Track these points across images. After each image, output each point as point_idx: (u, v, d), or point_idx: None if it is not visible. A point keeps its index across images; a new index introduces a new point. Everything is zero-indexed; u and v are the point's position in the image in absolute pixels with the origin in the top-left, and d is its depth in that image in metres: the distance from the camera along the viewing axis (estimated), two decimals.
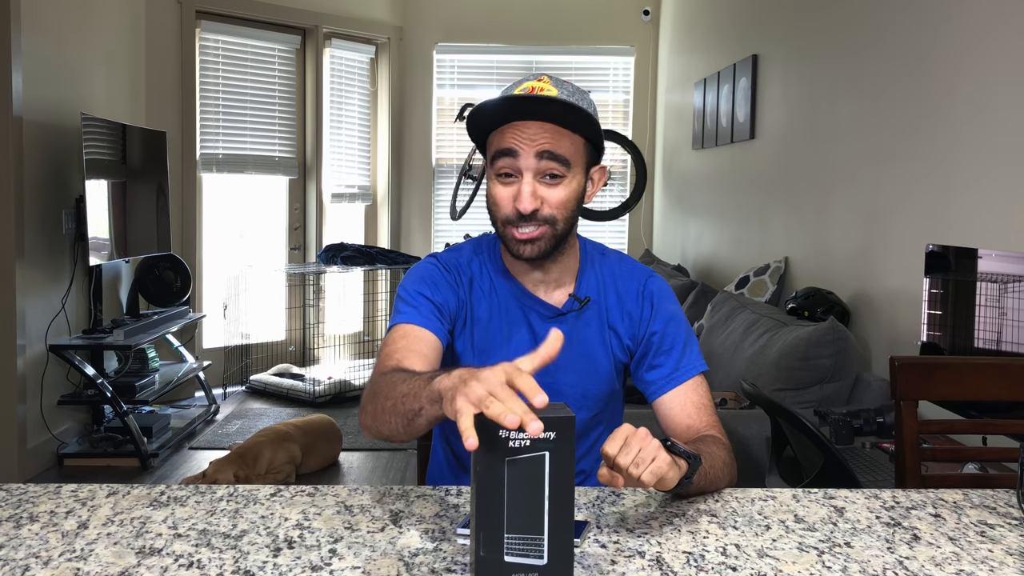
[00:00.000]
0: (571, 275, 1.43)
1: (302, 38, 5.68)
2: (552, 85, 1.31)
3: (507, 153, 1.29)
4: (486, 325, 1.41)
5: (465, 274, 1.43)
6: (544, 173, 1.29)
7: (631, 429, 1.08)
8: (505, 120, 1.30)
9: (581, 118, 1.28)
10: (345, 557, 1.02)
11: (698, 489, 1.22)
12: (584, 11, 6.37)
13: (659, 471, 1.06)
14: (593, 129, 1.32)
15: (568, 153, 1.30)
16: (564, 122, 1.29)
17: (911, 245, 2.80)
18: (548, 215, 1.31)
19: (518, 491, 0.93)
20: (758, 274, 3.92)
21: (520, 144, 1.28)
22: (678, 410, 1.39)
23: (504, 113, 1.30)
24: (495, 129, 1.32)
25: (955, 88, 2.59)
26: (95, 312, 4.12)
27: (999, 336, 2.04)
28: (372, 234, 6.30)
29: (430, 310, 1.35)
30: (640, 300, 1.43)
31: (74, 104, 4.04)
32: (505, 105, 1.28)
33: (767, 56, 4.17)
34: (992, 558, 1.05)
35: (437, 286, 1.39)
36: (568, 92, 1.32)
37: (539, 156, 1.28)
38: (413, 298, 1.37)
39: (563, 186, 1.31)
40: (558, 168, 1.29)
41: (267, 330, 5.65)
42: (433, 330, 1.33)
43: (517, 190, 1.30)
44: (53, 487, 1.23)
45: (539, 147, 1.28)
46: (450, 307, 1.39)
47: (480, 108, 1.29)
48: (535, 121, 1.28)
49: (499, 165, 1.31)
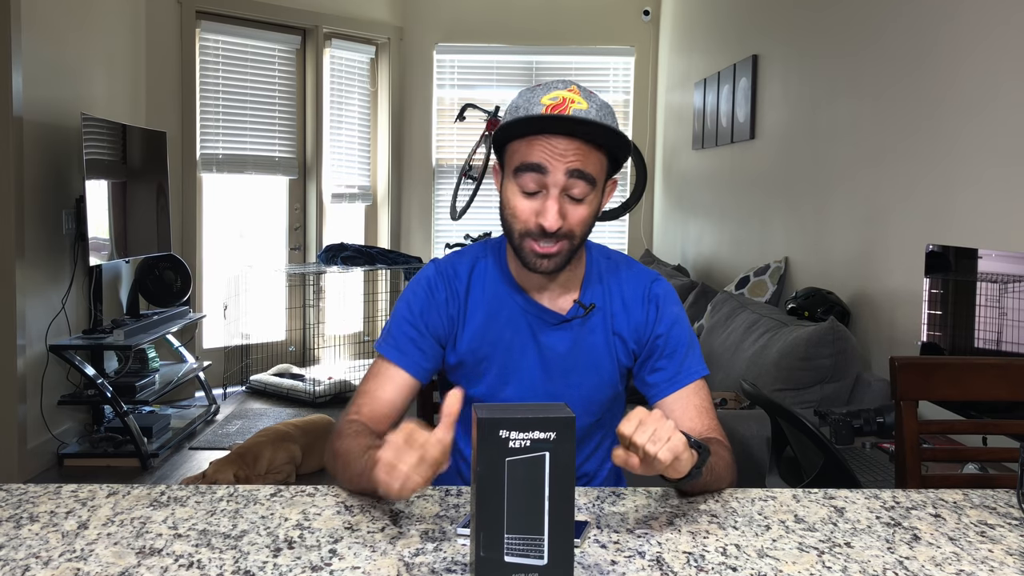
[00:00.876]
0: (577, 281, 1.42)
1: (302, 38, 5.68)
2: (582, 97, 1.27)
3: (535, 168, 1.27)
4: (484, 332, 1.41)
5: (463, 284, 1.43)
6: (570, 190, 1.28)
7: (645, 411, 1.09)
8: (535, 131, 1.27)
9: (613, 137, 1.27)
10: (345, 557, 1.02)
11: (703, 486, 1.22)
12: (584, 11, 6.37)
13: (676, 449, 1.07)
14: (623, 147, 1.30)
15: (594, 171, 1.28)
16: (595, 140, 1.27)
17: (911, 245, 2.80)
18: (568, 231, 1.30)
19: (518, 491, 0.93)
20: (758, 274, 3.92)
21: (550, 160, 1.26)
22: (680, 413, 1.38)
23: (536, 125, 1.27)
24: (521, 137, 1.29)
25: (955, 88, 2.59)
26: (95, 312, 4.12)
27: (999, 336, 2.04)
28: (372, 234, 6.30)
29: (413, 346, 1.39)
30: (645, 304, 1.43)
31: (74, 104, 4.04)
32: (538, 120, 1.26)
33: (767, 56, 4.17)
34: (992, 558, 1.05)
35: (425, 313, 1.41)
36: (597, 105, 1.28)
37: (568, 174, 1.26)
38: (400, 327, 1.41)
39: (586, 204, 1.30)
40: (584, 188, 1.28)
41: (267, 330, 5.65)
42: (410, 369, 1.39)
43: (541, 206, 1.28)
44: (53, 487, 1.23)
45: (569, 165, 1.26)
46: (438, 332, 1.41)
47: (514, 121, 1.26)
48: (565, 137, 1.26)
49: (525, 179, 1.28)
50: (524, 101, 1.30)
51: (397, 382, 1.38)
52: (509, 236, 1.34)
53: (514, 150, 1.30)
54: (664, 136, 6.26)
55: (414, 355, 1.39)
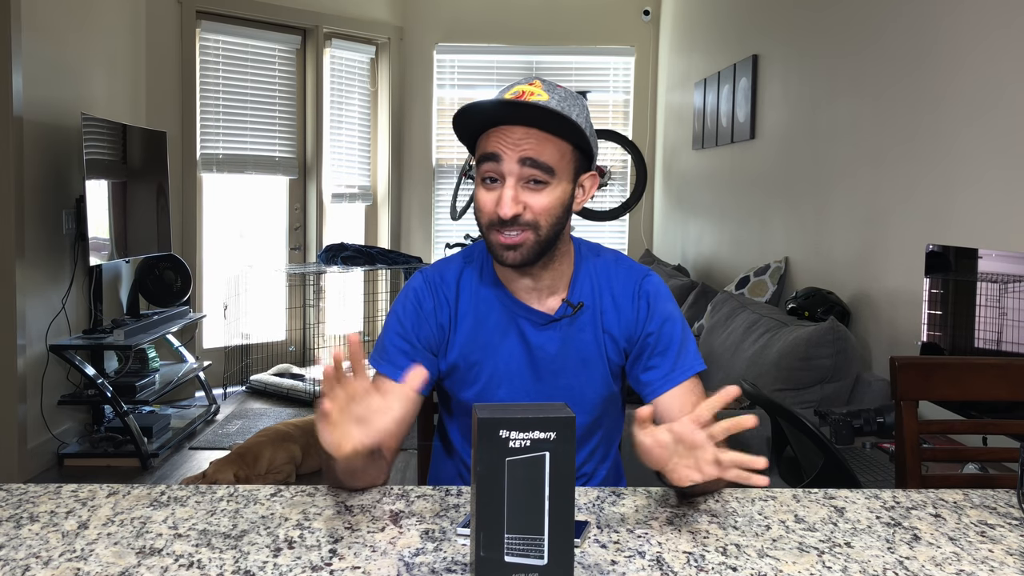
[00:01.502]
0: (564, 281, 1.42)
1: (302, 38, 5.68)
2: (544, 90, 1.30)
3: (491, 157, 1.29)
4: (474, 337, 1.41)
5: (451, 290, 1.43)
6: (527, 179, 1.29)
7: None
8: (492, 123, 1.30)
9: (567, 125, 1.27)
10: (345, 557, 1.02)
11: (701, 489, 1.22)
12: (584, 11, 6.37)
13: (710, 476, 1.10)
14: (581, 137, 1.30)
15: (552, 160, 1.29)
16: (549, 128, 1.28)
17: (911, 245, 2.80)
18: (530, 220, 1.30)
19: (518, 491, 0.93)
20: (758, 274, 3.92)
21: (503, 149, 1.28)
22: (676, 411, 1.37)
23: (491, 116, 1.29)
24: (482, 131, 1.32)
25: (955, 88, 2.59)
26: (95, 312, 4.12)
27: (999, 336, 2.04)
28: (372, 234, 6.30)
29: (406, 359, 1.40)
30: (636, 300, 1.42)
31: (74, 104, 4.04)
32: (491, 108, 1.28)
33: (767, 56, 4.17)
34: (992, 558, 1.05)
35: (416, 326, 1.41)
36: (559, 97, 1.30)
37: (521, 162, 1.28)
38: (392, 342, 1.42)
39: (547, 193, 1.30)
40: (540, 175, 1.28)
41: (267, 330, 5.65)
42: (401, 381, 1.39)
43: (499, 195, 1.29)
44: (53, 487, 1.23)
45: (522, 153, 1.27)
46: (430, 342, 1.42)
47: (466, 109, 1.29)
48: (521, 126, 1.28)
49: (483, 169, 1.31)
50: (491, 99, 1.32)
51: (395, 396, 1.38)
52: (481, 231, 1.35)
53: (479, 144, 1.33)
54: (664, 136, 6.26)
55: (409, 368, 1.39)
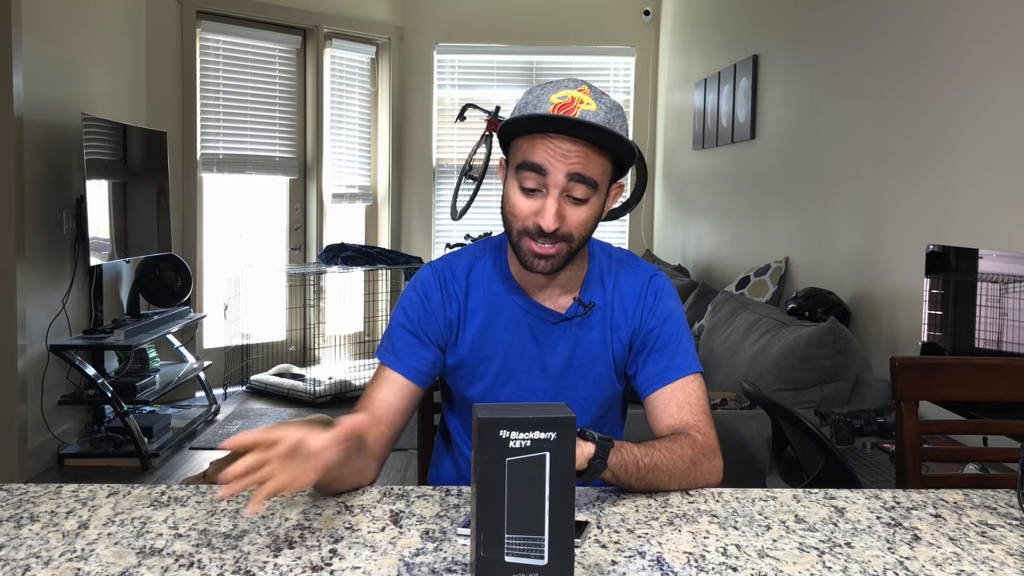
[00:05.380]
0: (578, 281, 1.41)
1: (302, 38, 5.68)
2: (592, 98, 1.26)
3: (535, 168, 1.26)
4: (485, 334, 1.40)
5: (461, 285, 1.42)
6: (570, 192, 1.27)
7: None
8: (538, 129, 1.26)
9: (616, 141, 1.25)
10: (345, 557, 1.02)
11: (638, 479, 1.22)
12: (584, 11, 6.37)
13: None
14: (628, 153, 1.28)
15: (596, 175, 1.27)
16: (599, 143, 1.26)
17: (912, 245, 2.80)
18: (567, 233, 1.28)
19: (518, 491, 0.93)
20: (759, 274, 3.92)
21: (551, 161, 1.25)
22: (661, 408, 1.37)
23: (540, 124, 1.25)
24: (526, 134, 1.28)
25: (955, 88, 2.59)
26: (95, 312, 4.12)
27: (1000, 336, 2.04)
28: (372, 234, 6.30)
29: (411, 351, 1.39)
30: (642, 297, 1.42)
31: (74, 104, 4.04)
32: (542, 119, 1.25)
33: (767, 56, 4.17)
34: (992, 558, 1.05)
35: (422, 319, 1.41)
36: (607, 108, 1.27)
37: (569, 177, 1.25)
38: (398, 334, 1.41)
39: (586, 207, 1.28)
40: (585, 191, 1.27)
41: (267, 330, 5.65)
42: (409, 375, 1.39)
43: (541, 206, 1.27)
44: (54, 487, 1.23)
45: (570, 167, 1.25)
46: (436, 336, 1.41)
47: (517, 119, 1.26)
48: (569, 138, 1.25)
49: (524, 177, 1.27)
50: (533, 98, 1.28)
51: (397, 388, 1.38)
52: (508, 233, 1.33)
53: (518, 147, 1.29)
54: (664, 136, 6.26)
55: (412, 361, 1.39)
